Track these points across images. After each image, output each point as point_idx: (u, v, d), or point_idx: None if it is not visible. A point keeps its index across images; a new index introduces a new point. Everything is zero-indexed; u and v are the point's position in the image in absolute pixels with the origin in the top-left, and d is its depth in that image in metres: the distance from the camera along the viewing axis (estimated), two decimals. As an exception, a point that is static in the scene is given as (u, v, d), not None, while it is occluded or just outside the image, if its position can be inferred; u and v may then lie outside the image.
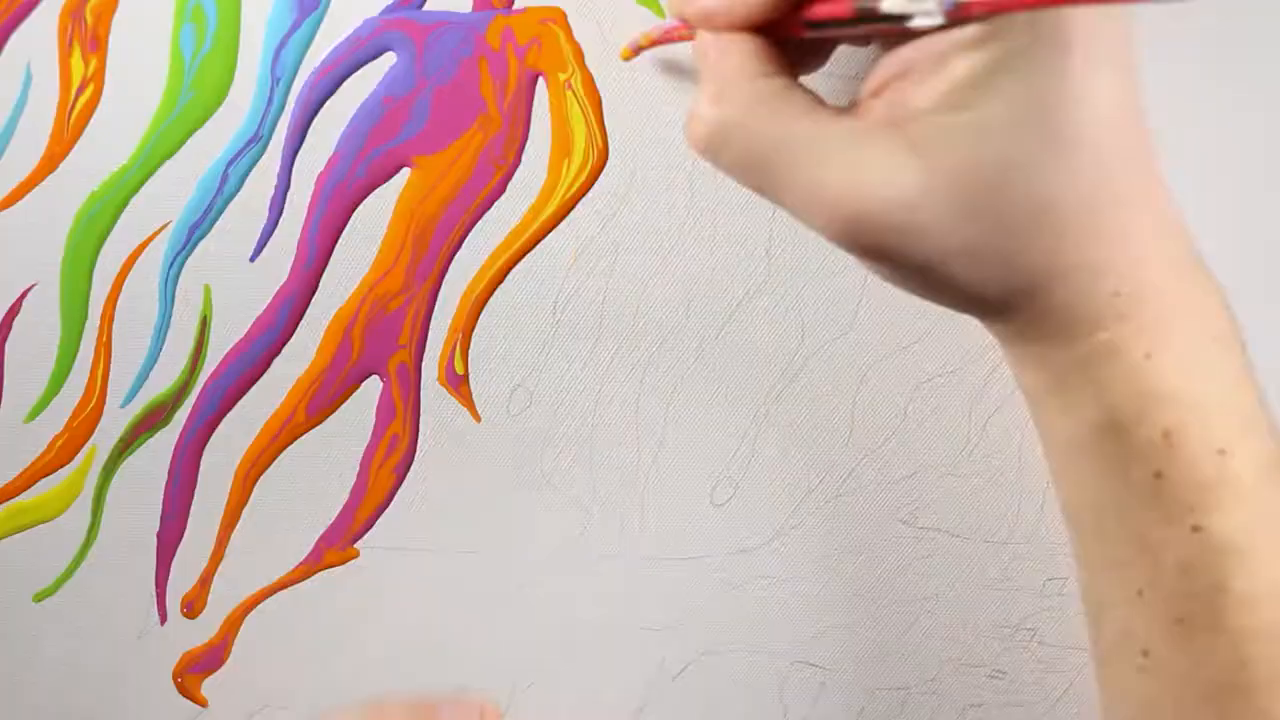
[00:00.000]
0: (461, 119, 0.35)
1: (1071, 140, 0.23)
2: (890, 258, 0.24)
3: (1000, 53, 0.23)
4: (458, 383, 0.37)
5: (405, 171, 0.35)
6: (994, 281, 0.24)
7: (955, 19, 0.23)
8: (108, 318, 0.35)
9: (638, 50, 0.33)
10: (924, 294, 0.25)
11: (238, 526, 0.37)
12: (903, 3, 0.23)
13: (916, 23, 0.23)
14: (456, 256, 0.36)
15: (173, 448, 0.36)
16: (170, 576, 0.37)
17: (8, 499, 0.36)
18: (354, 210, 0.35)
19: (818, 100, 0.25)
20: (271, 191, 0.35)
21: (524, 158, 0.36)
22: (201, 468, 0.36)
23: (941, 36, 0.23)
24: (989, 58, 0.23)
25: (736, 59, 0.25)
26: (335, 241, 0.35)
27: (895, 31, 0.24)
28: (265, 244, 0.35)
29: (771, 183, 0.25)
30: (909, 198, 0.23)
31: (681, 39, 0.29)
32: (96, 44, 0.34)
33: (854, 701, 0.40)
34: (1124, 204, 0.24)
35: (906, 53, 0.24)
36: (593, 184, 0.36)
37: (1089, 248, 0.24)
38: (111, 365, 0.35)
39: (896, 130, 0.24)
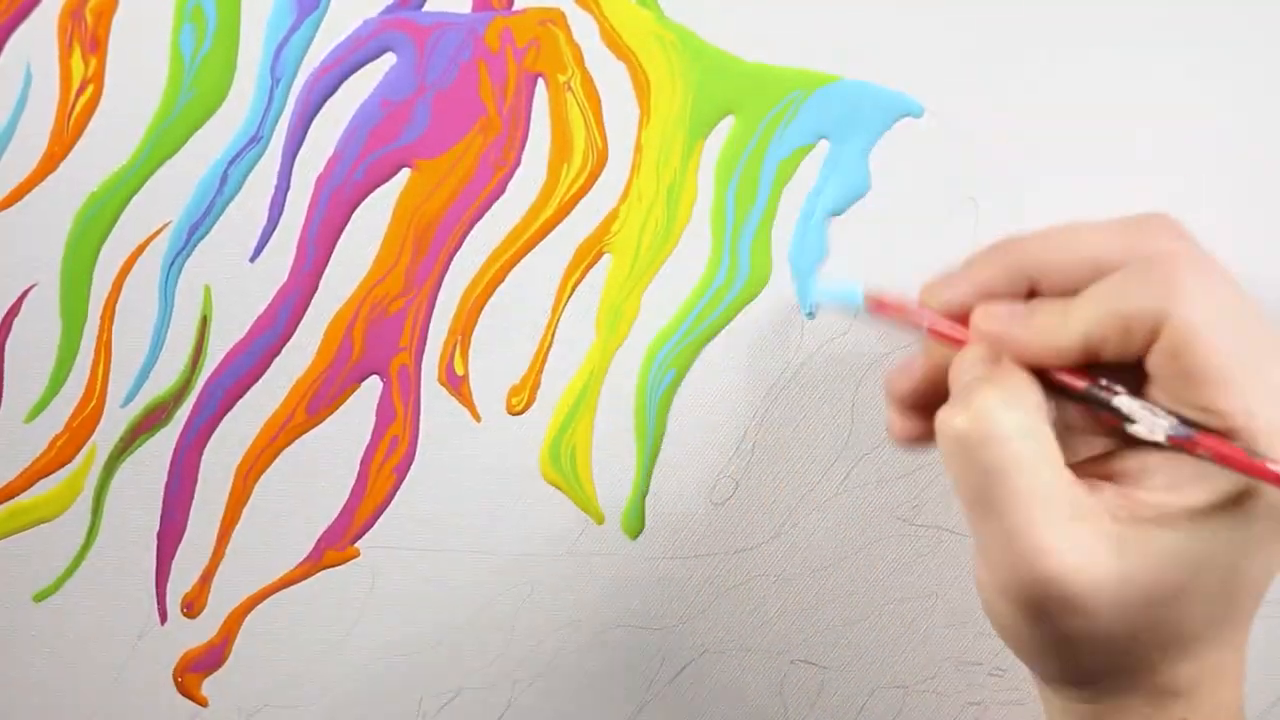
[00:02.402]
0: (461, 123, 0.35)
1: (1243, 610, 0.27)
2: (1045, 622, 0.26)
3: (1221, 499, 0.25)
4: (458, 383, 0.37)
5: (405, 172, 0.35)
6: (1112, 673, 0.27)
7: (1176, 447, 0.25)
8: (108, 318, 0.35)
9: (870, 308, 0.31)
10: (1038, 658, 0.28)
11: (238, 526, 0.37)
12: (1135, 409, 0.26)
13: (1137, 430, 0.26)
14: (456, 257, 0.36)
15: (173, 448, 0.36)
16: (170, 576, 0.37)
17: (8, 499, 0.36)
18: (354, 211, 0.35)
19: (1059, 453, 0.27)
20: (271, 192, 0.35)
21: (524, 158, 0.36)
22: (201, 468, 0.36)
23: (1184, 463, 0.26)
24: (1213, 500, 0.26)
25: (1031, 384, 0.27)
26: (335, 242, 0.35)
27: (1116, 424, 0.27)
28: (265, 244, 0.35)
29: (988, 499, 0.26)
30: (1102, 588, 0.25)
31: (942, 339, 0.29)
32: (96, 44, 0.34)
33: (854, 700, 0.40)
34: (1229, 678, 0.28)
35: (1152, 461, 0.26)
36: (592, 185, 0.36)
37: (1199, 688, 0.27)
38: (111, 365, 0.35)
39: (1115, 524, 0.26)
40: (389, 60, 0.35)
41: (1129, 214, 0.28)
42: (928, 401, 0.30)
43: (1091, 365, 0.27)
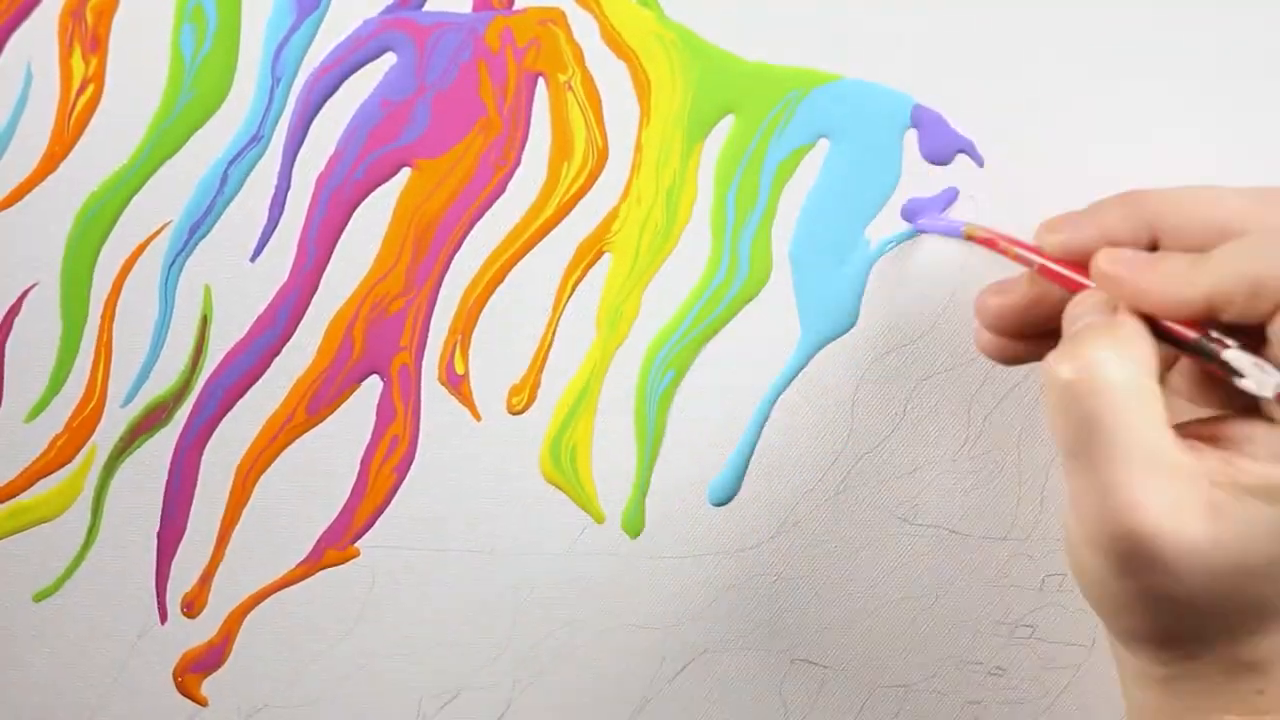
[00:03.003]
0: (462, 123, 0.35)
1: None
2: (1131, 577, 0.26)
3: None
4: (458, 382, 0.37)
5: (405, 172, 0.35)
6: (1192, 638, 0.27)
7: None
8: (108, 318, 0.35)
9: (970, 237, 0.33)
10: (1119, 613, 0.28)
11: (238, 526, 0.37)
12: (1247, 364, 0.26)
13: (1245, 384, 0.26)
14: (456, 257, 0.36)
15: (173, 448, 0.36)
16: (170, 576, 0.37)
17: (8, 499, 0.36)
18: (354, 211, 0.35)
19: (1164, 412, 0.27)
20: (271, 192, 0.35)
21: (524, 158, 0.36)
22: (201, 468, 0.36)
23: None
24: None
25: (1147, 339, 0.27)
26: (335, 242, 0.35)
27: (1223, 381, 0.26)
28: (265, 244, 0.35)
29: (1088, 450, 0.26)
30: (1194, 550, 0.25)
31: (1054, 279, 0.29)
32: (96, 44, 0.34)
33: (854, 699, 0.40)
34: None
35: (1258, 431, 0.27)
36: (592, 184, 0.36)
37: (1276, 664, 0.27)
38: (111, 365, 0.35)
39: (1214, 489, 0.26)
40: (389, 60, 0.35)
41: (1259, 186, 0.28)
42: (1020, 323, 0.30)
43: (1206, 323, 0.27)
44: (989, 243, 0.32)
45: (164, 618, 0.37)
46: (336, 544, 0.37)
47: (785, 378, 0.38)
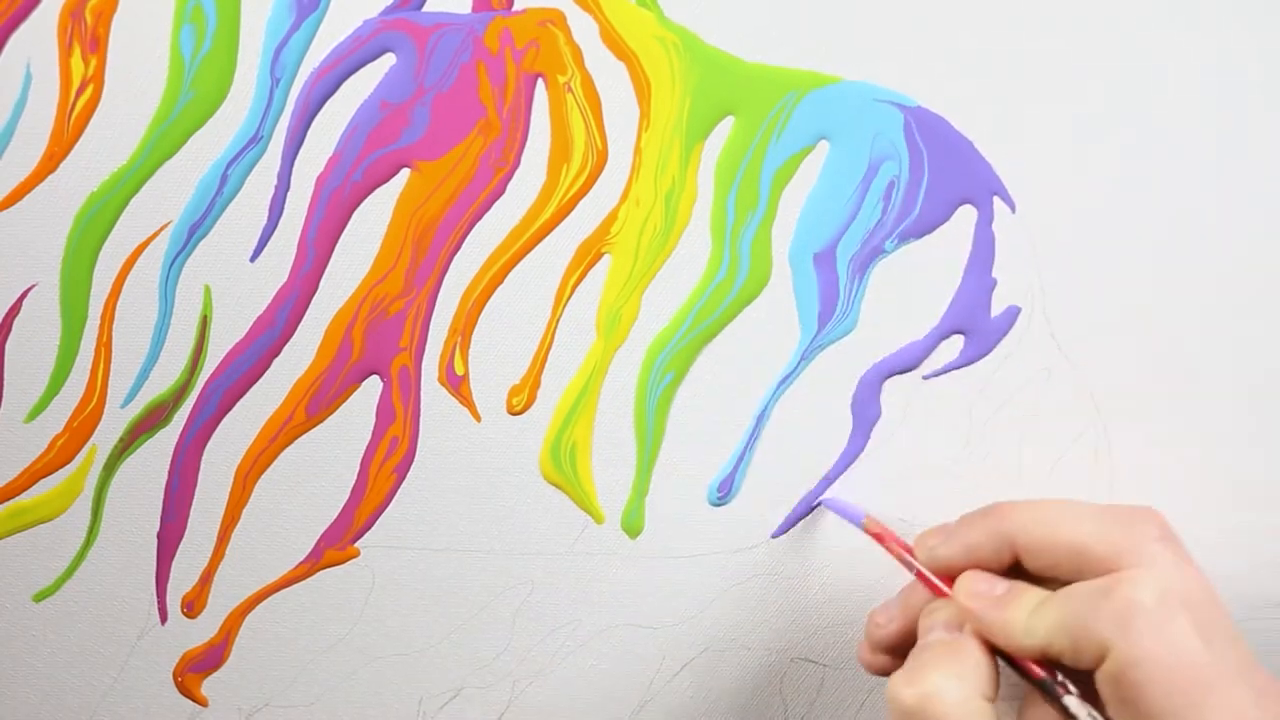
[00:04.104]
0: (461, 125, 0.35)
1: None
2: None
3: None
4: (458, 383, 0.37)
5: (405, 173, 0.35)
6: None
7: None
8: (108, 318, 0.35)
9: (867, 530, 0.36)
10: None
11: (238, 526, 0.37)
12: (1082, 714, 0.29)
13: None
14: (456, 257, 0.36)
15: (173, 448, 0.36)
16: (170, 576, 0.37)
17: (8, 499, 0.36)
18: (353, 212, 0.35)
19: None
20: (271, 192, 0.35)
21: (523, 159, 0.36)
22: (201, 468, 0.36)
23: None
24: None
25: (983, 664, 0.30)
26: (335, 242, 0.35)
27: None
28: (265, 244, 0.35)
29: None
30: None
31: (926, 585, 0.33)
32: (96, 44, 0.34)
33: (853, 697, 0.40)
34: None
35: None
36: (592, 185, 0.36)
37: None
38: (111, 365, 0.35)
39: None
40: (389, 60, 0.35)
41: (1116, 506, 0.31)
42: (897, 644, 0.34)
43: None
44: (879, 538, 0.35)
45: (164, 618, 0.37)
46: (336, 544, 0.37)
47: (785, 378, 0.38)
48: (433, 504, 0.37)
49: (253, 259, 0.35)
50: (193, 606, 0.37)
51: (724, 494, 0.38)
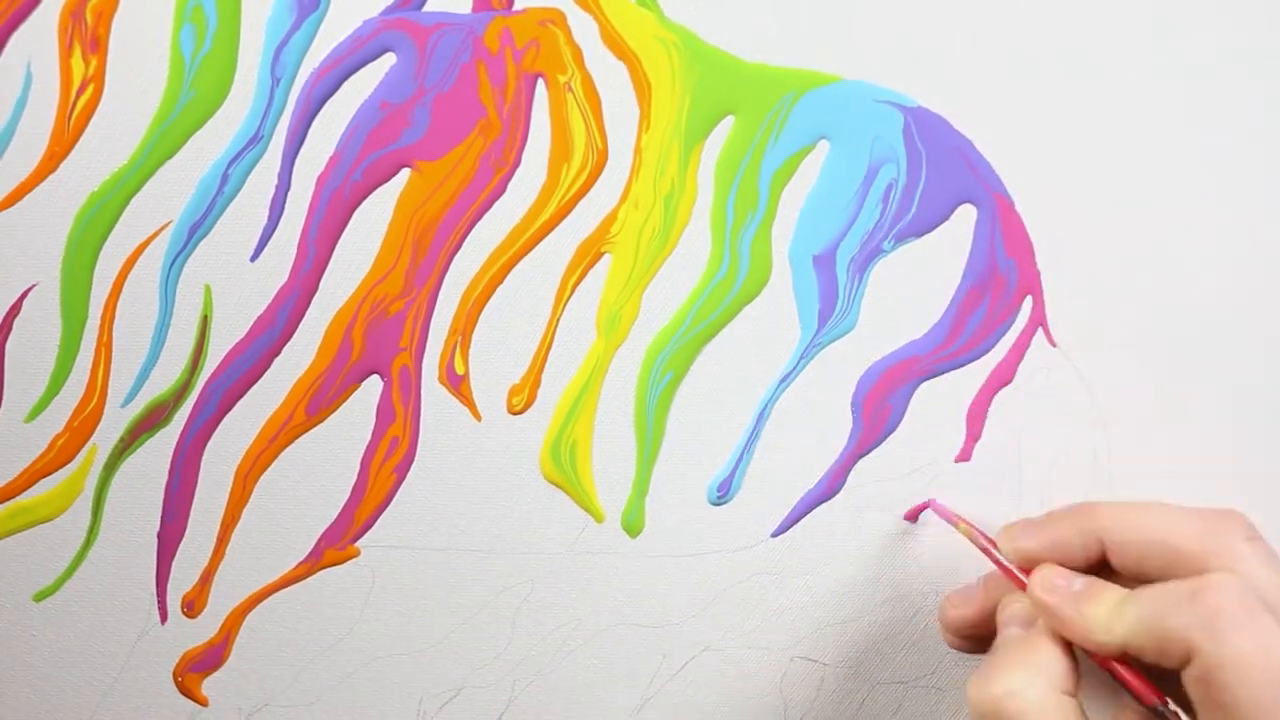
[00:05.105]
0: (462, 125, 0.35)
1: None
2: None
3: None
4: (458, 383, 0.37)
5: (405, 173, 0.35)
6: None
7: None
8: (108, 318, 0.35)
9: (953, 520, 0.37)
10: None
11: (238, 526, 0.37)
12: None
13: None
14: (456, 257, 0.36)
15: (173, 448, 0.36)
16: (170, 576, 0.37)
17: (8, 499, 0.36)
18: (353, 212, 0.35)
19: None
20: (272, 192, 0.35)
21: (524, 158, 0.36)
22: (201, 468, 0.36)
23: None
24: None
25: (1059, 659, 0.30)
26: (335, 242, 0.35)
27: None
28: (265, 244, 0.35)
29: None
30: None
31: (1007, 575, 0.33)
32: (96, 44, 0.34)
33: (854, 696, 0.40)
34: None
35: None
36: (592, 185, 0.36)
37: None
38: (111, 365, 0.35)
39: None
40: (389, 60, 0.35)
41: (1203, 507, 0.31)
42: (975, 630, 0.34)
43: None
44: (969, 537, 0.35)
45: (164, 618, 0.37)
46: (336, 544, 0.37)
47: (785, 377, 0.38)
48: (433, 504, 0.37)
49: (253, 259, 0.35)
50: (193, 606, 0.37)
51: (724, 493, 0.38)
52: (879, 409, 0.38)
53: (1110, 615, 0.30)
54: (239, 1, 0.34)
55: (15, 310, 0.35)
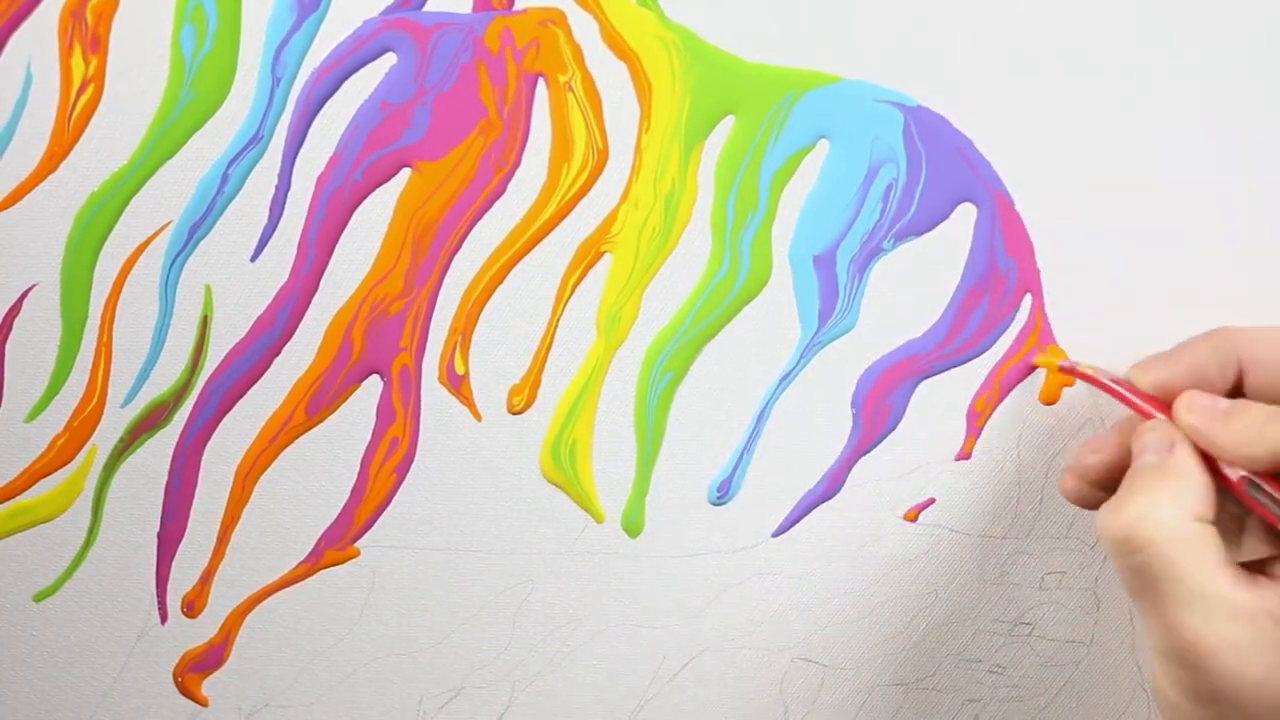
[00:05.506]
0: (462, 125, 0.35)
1: None
2: (1205, 705, 0.28)
3: None
4: (458, 383, 0.37)
5: (405, 173, 0.35)
6: None
7: None
8: (108, 318, 0.35)
9: (1070, 372, 0.37)
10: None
11: (238, 526, 0.37)
12: None
13: None
14: (456, 257, 0.36)
15: (173, 448, 0.36)
16: (170, 576, 0.37)
17: (8, 499, 0.36)
18: (353, 212, 0.35)
19: (1223, 553, 0.28)
20: (272, 192, 0.35)
21: (524, 158, 0.36)
22: (201, 468, 0.36)
23: None
24: None
25: (1199, 482, 0.29)
26: (335, 242, 0.35)
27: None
28: (265, 244, 0.35)
29: (1147, 595, 0.28)
30: (1257, 683, 0.27)
31: (1138, 410, 0.33)
32: (96, 44, 0.34)
33: (854, 697, 0.40)
34: None
35: None
36: (592, 185, 0.36)
37: None
38: (111, 365, 0.35)
39: (1276, 626, 0.27)
40: (389, 60, 0.35)
41: None
42: (1110, 476, 0.33)
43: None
44: (1093, 381, 0.35)
45: (164, 618, 0.37)
46: (336, 544, 0.37)
47: (785, 376, 0.38)
48: (433, 504, 0.37)
49: (253, 259, 0.35)
50: (193, 606, 0.37)
51: (724, 493, 0.38)
52: (879, 408, 0.38)
53: (1262, 425, 0.29)
54: (239, 1, 0.34)
55: (15, 310, 0.35)
